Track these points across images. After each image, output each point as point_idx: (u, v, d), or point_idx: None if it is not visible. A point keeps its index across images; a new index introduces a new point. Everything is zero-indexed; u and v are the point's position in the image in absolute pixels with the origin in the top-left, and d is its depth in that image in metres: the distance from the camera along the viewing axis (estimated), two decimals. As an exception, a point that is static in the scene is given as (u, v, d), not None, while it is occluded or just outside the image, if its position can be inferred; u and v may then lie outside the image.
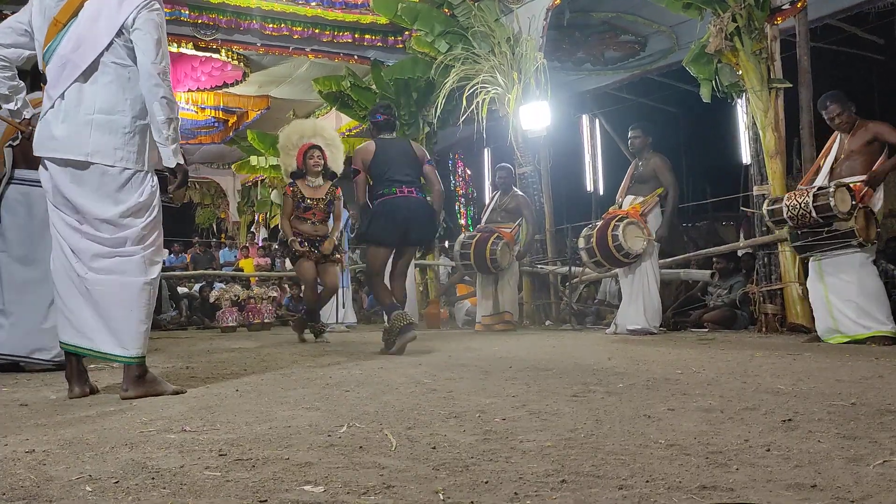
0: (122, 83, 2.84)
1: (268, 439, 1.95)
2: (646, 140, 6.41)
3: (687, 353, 4.34)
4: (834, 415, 2.17)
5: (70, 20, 2.83)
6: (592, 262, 6.36)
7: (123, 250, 2.83)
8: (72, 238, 2.84)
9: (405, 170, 4.95)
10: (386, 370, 3.68)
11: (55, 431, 2.11)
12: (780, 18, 6.14)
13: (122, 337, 2.78)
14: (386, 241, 4.94)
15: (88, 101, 2.80)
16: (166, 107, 2.82)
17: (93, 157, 2.78)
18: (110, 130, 2.80)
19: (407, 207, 4.85)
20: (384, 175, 4.91)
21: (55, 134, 2.79)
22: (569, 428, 2.04)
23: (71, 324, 2.82)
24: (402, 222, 4.85)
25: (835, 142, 5.12)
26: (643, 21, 9.67)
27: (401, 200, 4.84)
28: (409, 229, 4.89)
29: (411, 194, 4.88)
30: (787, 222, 5.06)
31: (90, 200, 2.81)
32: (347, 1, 10.08)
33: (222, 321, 9.24)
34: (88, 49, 2.80)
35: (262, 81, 12.04)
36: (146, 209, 2.89)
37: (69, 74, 2.80)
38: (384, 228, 4.87)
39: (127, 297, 2.80)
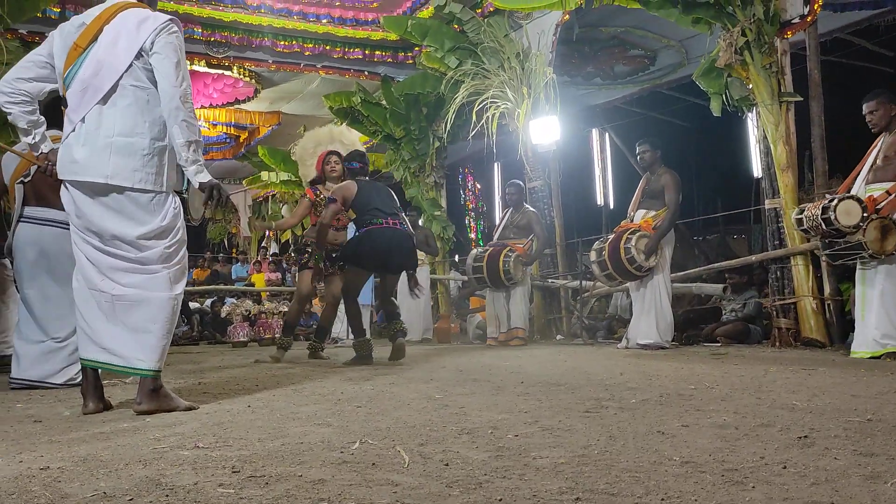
0: (142, 106, 2.86)
1: (280, 456, 1.95)
2: (654, 154, 6.39)
3: (700, 367, 4.31)
4: (850, 431, 2.15)
5: (90, 45, 2.86)
6: (604, 276, 6.35)
7: (148, 268, 2.85)
8: (95, 256, 2.86)
9: (388, 204, 5.39)
10: (397, 385, 3.67)
11: (69, 448, 2.12)
12: (789, 32, 6.14)
13: (141, 349, 2.80)
14: (367, 265, 5.42)
15: (108, 124, 2.82)
16: (186, 129, 2.83)
17: (112, 180, 2.80)
18: (129, 153, 2.82)
19: (391, 238, 5.25)
20: (369, 207, 5.30)
21: (76, 157, 2.82)
22: (582, 444, 2.03)
23: (91, 340, 2.84)
24: (384, 251, 5.24)
25: (875, 146, 4.97)
26: (652, 36, 9.69)
27: (386, 231, 5.24)
28: (390, 258, 5.30)
29: (395, 226, 5.28)
30: (810, 232, 5.02)
31: (112, 222, 2.84)
32: (358, 18, 10.17)
33: (233, 336, 9.27)
34: (108, 73, 2.83)
35: (274, 98, 12.14)
36: (169, 232, 2.91)
37: (90, 98, 2.83)
38: (367, 254, 5.27)
39: (152, 310, 2.82)
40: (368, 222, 5.26)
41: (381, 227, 5.22)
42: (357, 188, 5.38)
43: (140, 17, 2.88)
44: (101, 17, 2.89)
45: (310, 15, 9.98)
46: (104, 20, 2.88)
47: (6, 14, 6.85)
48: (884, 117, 4.91)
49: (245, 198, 19.35)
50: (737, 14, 6.15)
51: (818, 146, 6.22)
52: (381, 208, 5.28)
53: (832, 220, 4.67)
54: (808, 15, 6.04)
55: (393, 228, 5.25)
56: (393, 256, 5.29)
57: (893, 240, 4.65)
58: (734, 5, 6.14)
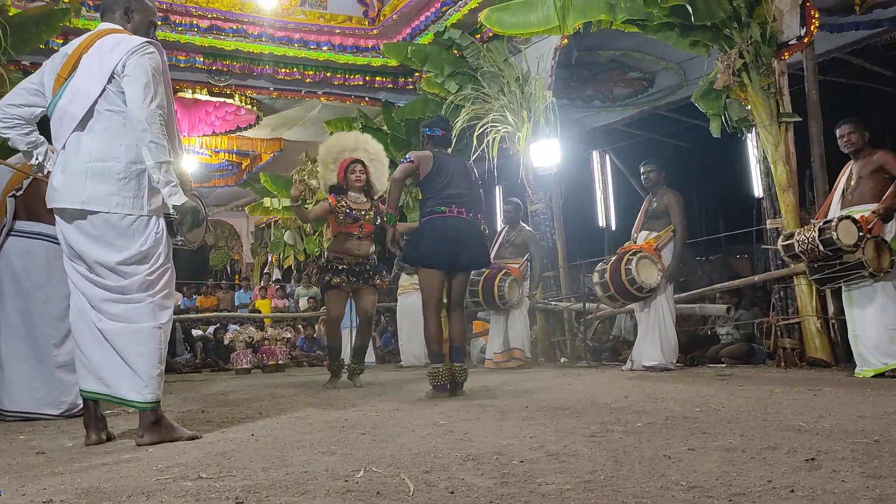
0: (117, 129, 2.86)
1: (284, 486, 1.94)
2: (660, 175, 6.43)
3: (705, 389, 4.29)
4: (857, 453, 2.13)
5: (70, 74, 2.90)
6: (607, 297, 6.34)
7: (130, 297, 2.83)
8: (83, 286, 2.86)
9: (461, 189, 4.60)
10: (401, 411, 3.66)
11: (72, 480, 2.11)
12: (787, 53, 6.18)
13: (136, 382, 2.78)
14: (436, 262, 4.51)
15: (85, 150, 2.83)
16: (155, 150, 2.78)
17: (88, 205, 2.80)
18: (105, 177, 2.82)
19: (457, 228, 4.50)
20: (438, 191, 4.55)
21: (55, 184, 2.84)
22: (588, 470, 2.02)
23: (89, 371, 2.83)
24: (452, 243, 4.46)
25: (846, 171, 5.17)
26: (651, 58, 9.76)
27: (452, 220, 4.50)
28: (458, 251, 4.50)
29: (461, 215, 4.55)
30: (801, 257, 5.06)
31: (93, 249, 2.83)
32: (358, 45, 10.25)
33: (237, 363, 9.24)
34: (82, 99, 2.85)
35: (275, 124, 12.21)
36: (150, 257, 2.88)
37: (67, 126, 2.86)
38: (434, 249, 4.47)
39: (138, 342, 2.80)
40: (431, 211, 4.53)
41: (444, 216, 4.50)
42: (434, 162, 4.57)
43: (115, 41, 2.90)
44: (80, 46, 2.93)
45: (310, 43, 10.06)
46: (83, 48, 2.91)
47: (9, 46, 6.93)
48: (858, 141, 5.10)
49: (248, 224, 19.42)
50: (734, 36, 6.19)
51: (818, 166, 6.24)
52: (453, 192, 4.54)
53: (834, 240, 4.70)
54: (805, 36, 6.08)
55: (459, 217, 4.52)
56: (462, 250, 4.49)
57: (887, 257, 4.78)
58: (731, 28, 6.19)
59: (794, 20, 6.09)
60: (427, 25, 9.56)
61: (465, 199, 4.59)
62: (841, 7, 8.09)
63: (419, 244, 4.54)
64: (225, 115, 11.64)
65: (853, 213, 4.92)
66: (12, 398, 3.91)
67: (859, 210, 4.94)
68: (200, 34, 9.41)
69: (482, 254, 4.71)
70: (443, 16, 9.23)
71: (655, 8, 6.05)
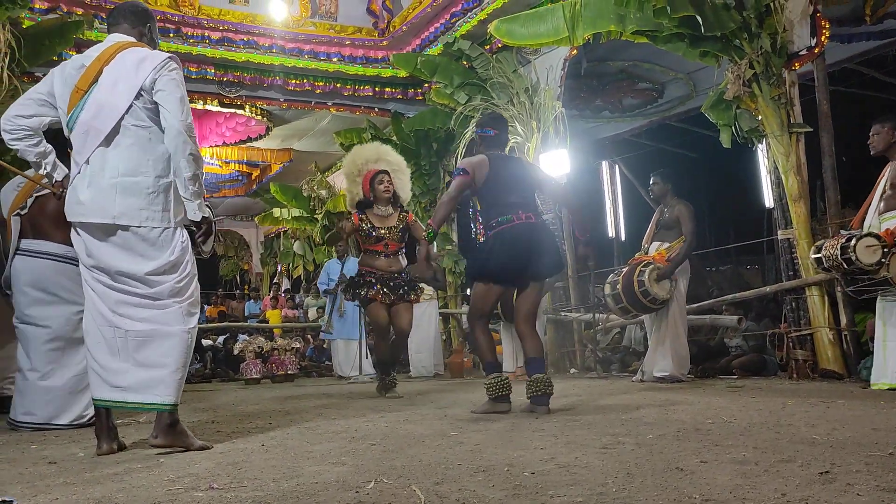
0: (144, 144, 2.90)
1: (296, 497, 1.93)
2: (665, 187, 6.39)
3: (717, 401, 4.26)
4: (872, 466, 2.11)
5: (91, 87, 2.91)
6: (619, 309, 6.31)
7: (159, 303, 2.87)
8: (107, 295, 2.88)
9: (523, 192, 4.21)
10: (411, 422, 3.65)
11: (84, 490, 2.11)
12: (797, 64, 6.16)
13: (156, 384, 2.80)
14: (503, 277, 4.14)
15: (112, 165, 2.86)
16: (192, 163, 2.87)
17: (119, 220, 2.84)
18: (134, 192, 2.86)
19: (528, 237, 4.08)
20: (499, 199, 4.13)
21: (81, 199, 2.86)
22: (599, 482, 2.01)
23: (103, 380, 2.85)
24: (523, 254, 4.06)
25: (884, 174, 4.92)
26: (660, 69, 9.77)
27: (521, 228, 4.07)
28: (530, 261, 4.09)
29: (530, 220, 4.12)
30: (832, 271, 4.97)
31: (122, 261, 2.86)
32: (368, 56, 10.30)
33: (246, 373, 9.25)
34: (109, 114, 2.87)
35: (285, 135, 12.26)
36: (178, 266, 2.93)
37: (92, 140, 2.87)
38: (501, 263, 4.07)
39: (166, 344, 2.84)
40: (497, 221, 4.09)
41: (513, 226, 4.06)
42: (490, 167, 4.14)
43: (138, 56, 2.93)
44: (100, 59, 2.94)
45: (320, 54, 10.12)
46: (103, 61, 2.93)
47: (23, 57, 7.00)
48: (881, 141, 4.92)
49: (257, 234, 19.48)
50: (744, 47, 6.19)
51: (829, 176, 6.21)
52: (512, 200, 4.11)
53: (853, 261, 4.61)
54: (816, 46, 6.07)
55: (527, 223, 4.08)
56: (533, 259, 4.07)
57: None
58: (741, 38, 6.18)
59: (805, 30, 6.08)
60: (437, 37, 9.60)
61: (529, 203, 4.21)
62: (851, 17, 8.08)
63: (488, 260, 4.11)
64: (235, 125, 11.70)
65: (886, 219, 4.76)
66: (25, 409, 3.96)
67: (890, 217, 4.74)
68: (212, 46, 9.48)
69: (555, 260, 4.28)
70: (452, 27, 9.26)
71: (665, 19, 6.05)
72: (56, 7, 8.28)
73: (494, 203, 4.12)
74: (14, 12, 6.55)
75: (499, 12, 8.24)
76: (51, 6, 8.26)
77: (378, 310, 5.63)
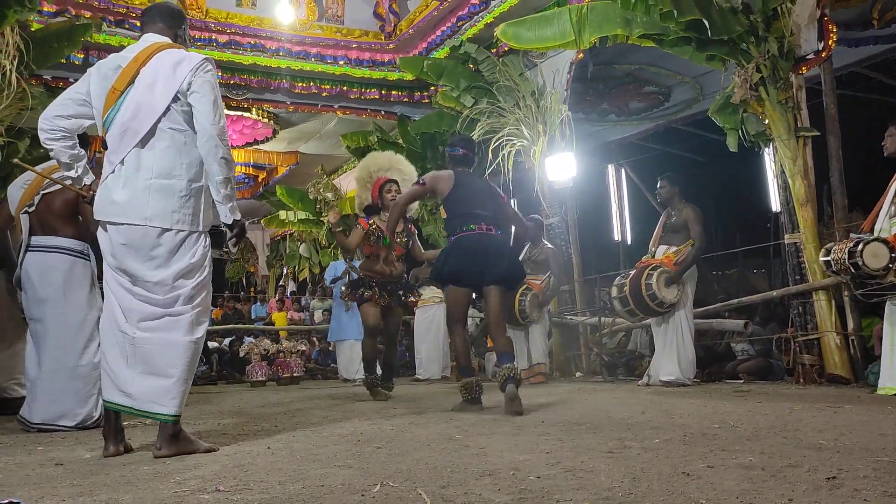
0: (179, 147, 2.92)
1: (301, 499, 1.94)
2: (672, 190, 6.39)
3: (723, 405, 4.25)
4: (879, 471, 2.10)
5: (127, 87, 2.92)
6: (626, 312, 6.30)
7: (173, 310, 2.88)
8: (123, 299, 2.90)
9: (486, 206, 4.57)
10: (417, 426, 3.65)
11: (90, 492, 2.12)
12: (804, 68, 6.15)
13: (160, 394, 2.81)
14: (464, 279, 4.49)
15: (147, 167, 2.87)
16: (225, 166, 2.90)
17: (152, 222, 2.85)
18: (168, 195, 2.87)
19: (486, 245, 4.45)
20: (463, 210, 4.53)
21: (116, 199, 2.87)
22: (605, 487, 2.00)
23: (113, 382, 2.86)
24: (479, 259, 4.42)
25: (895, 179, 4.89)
26: (666, 72, 9.75)
27: (480, 237, 4.46)
28: (486, 266, 4.43)
29: (490, 231, 4.51)
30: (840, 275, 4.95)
31: (144, 263, 2.88)
32: (374, 59, 10.33)
33: (252, 376, 9.26)
34: (146, 115, 2.88)
35: (292, 138, 12.29)
36: (197, 270, 2.95)
37: (128, 141, 2.88)
38: (458, 265, 4.45)
39: (172, 354, 2.84)
40: (459, 228, 4.51)
41: (474, 234, 4.45)
42: (455, 181, 4.56)
43: (176, 59, 2.94)
44: (137, 60, 2.95)
45: (327, 57, 10.15)
46: (140, 62, 2.94)
47: (31, 60, 7.03)
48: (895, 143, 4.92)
49: (263, 237, 19.50)
50: (751, 50, 6.18)
51: (837, 180, 6.19)
52: (475, 212, 4.50)
53: (860, 265, 4.60)
54: (823, 50, 6.06)
55: (488, 234, 4.48)
56: (493, 264, 4.42)
57: None
58: (748, 42, 6.18)
59: (812, 34, 6.07)
60: (443, 40, 9.61)
61: (490, 217, 4.55)
62: (859, 21, 8.07)
63: (447, 262, 4.50)
64: (242, 128, 11.73)
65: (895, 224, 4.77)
66: (33, 410, 3.97)
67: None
68: (219, 49, 9.51)
69: (515, 268, 4.60)
70: (459, 30, 9.28)
71: (672, 22, 6.04)
72: (64, 10, 8.33)
73: (458, 214, 4.54)
74: (23, 15, 6.57)
75: (505, 16, 8.25)
76: (59, 9, 8.30)
77: (370, 309, 5.84)
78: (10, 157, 7.64)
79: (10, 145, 7.56)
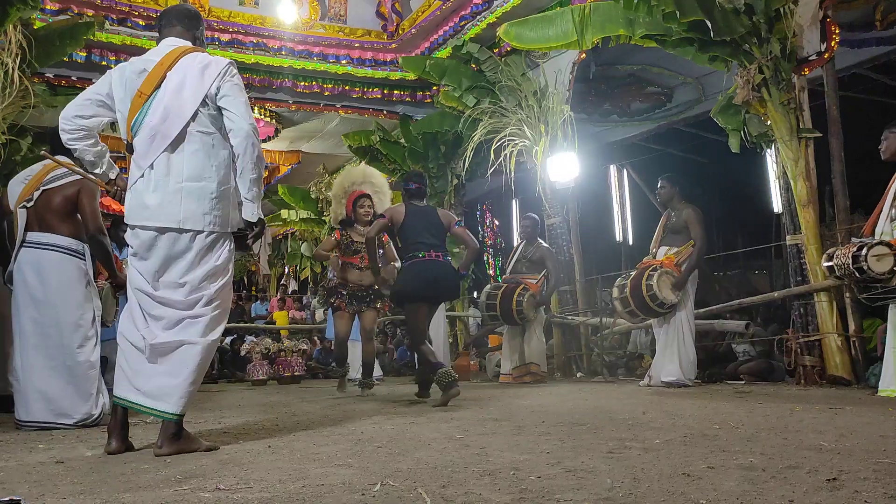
0: (207, 150, 2.94)
1: (301, 498, 1.94)
2: (672, 191, 6.38)
3: (724, 406, 4.25)
4: (880, 473, 2.10)
5: (154, 91, 2.93)
6: (626, 312, 6.30)
7: (192, 312, 2.89)
8: (144, 301, 2.91)
9: (432, 236, 5.30)
10: (417, 425, 3.65)
11: (91, 490, 2.12)
12: (807, 69, 6.14)
13: (169, 393, 2.82)
14: (419, 296, 5.22)
15: (177, 170, 2.89)
16: (258, 164, 2.95)
17: (184, 224, 2.88)
18: (199, 197, 2.89)
19: (434, 269, 5.20)
20: (414, 239, 5.26)
21: (147, 203, 2.88)
22: (606, 487, 2.00)
23: (127, 379, 2.88)
24: (431, 281, 5.18)
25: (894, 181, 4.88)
26: (669, 73, 9.75)
27: (428, 263, 5.20)
28: (434, 288, 5.23)
29: (437, 258, 5.24)
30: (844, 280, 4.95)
31: (172, 266, 2.90)
32: (377, 58, 10.33)
33: (253, 374, 9.27)
34: (175, 119, 2.90)
35: (294, 137, 12.30)
36: (221, 273, 2.97)
37: (158, 145, 2.89)
38: (416, 286, 5.20)
39: (184, 356, 2.86)
40: (411, 255, 5.25)
41: (423, 260, 5.20)
42: (406, 214, 5.33)
43: (202, 63, 2.96)
44: (162, 64, 2.96)
45: (329, 56, 10.16)
46: (167, 66, 2.95)
47: (34, 58, 7.04)
48: (893, 146, 4.92)
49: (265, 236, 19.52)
50: (753, 51, 6.17)
51: (839, 182, 6.19)
52: (425, 241, 5.24)
53: (865, 270, 4.60)
54: (826, 52, 6.05)
55: (434, 260, 5.22)
56: (438, 286, 5.24)
57: None
58: (751, 43, 6.17)
59: (815, 36, 6.06)
60: (445, 40, 9.61)
61: (437, 244, 5.29)
62: (862, 23, 8.06)
63: (405, 284, 5.26)
64: (244, 127, 11.72)
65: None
66: (28, 409, 3.93)
67: None
68: (221, 48, 9.52)
69: (455, 288, 5.51)
70: (461, 30, 9.28)
71: (674, 23, 6.04)
72: (67, 8, 8.34)
73: (410, 242, 5.27)
74: (25, 13, 6.58)
75: (508, 16, 8.25)
76: (62, 7, 8.31)
77: (340, 319, 6.40)
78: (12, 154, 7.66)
79: (13, 143, 7.57)
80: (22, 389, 3.96)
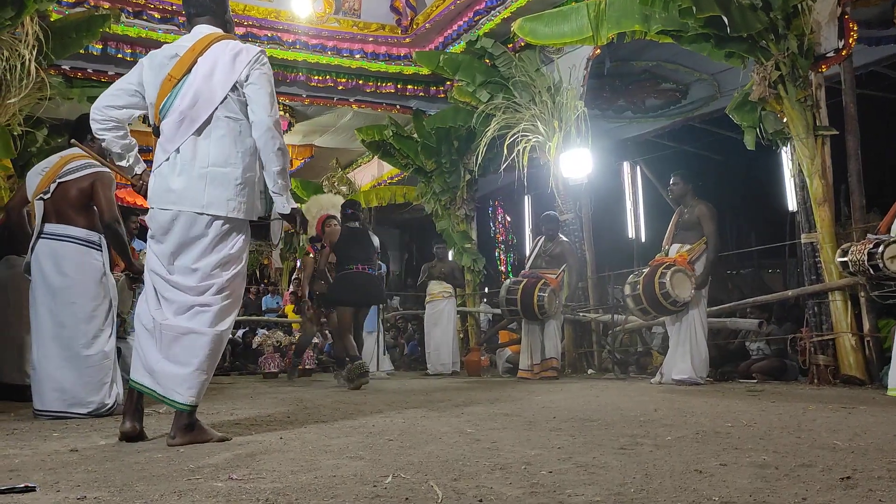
0: (234, 136, 2.95)
1: (313, 489, 1.94)
2: (685, 188, 6.35)
3: (736, 404, 4.23)
4: (894, 472, 2.08)
5: (184, 76, 2.94)
6: (639, 310, 6.28)
7: (202, 300, 2.89)
8: (159, 284, 2.92)
9: (362, 252, 6.67)
10: (429, 419, 3.66)
11: (105, 478, 2.14)
12: (824, 66, 6.09)
13: (179, 382, 2.83)
14: (348, 302, 6.64)
15: (202, 155, 2.90)
16: (281, 157, 2.96)
17: (208, 209, 2.88)
18: (223, 183, 2.90)
19: (361, 279, 6.61)
20: (347, 254, 6.65)
21: (172, 187, 2.89)
22: (618, 482, 2.00)
23: (142, 363, 2.89)
24: (359, 289, 6.61)
25: None
26: (684, 69, 9.69)
27: (357, 274, 6.60)
28: (362, 294, 6.68)
29: (364, 270, 6.65)
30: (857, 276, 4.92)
31: (188, 250, 2.91)
32: (391, 53, 10.32)
33: (265, 367, 9.31)
34: (204, 104, 2.91)
35: (307, 131, 12.31)
36: (234, 261, 2.97)
37: (185, 129, 2.90)
38: (346, 293, 6.63)
39: (195, 344, 2.86)
40: (344, 268, 6.63)
41: (353, 272, 6.58)
42: (341, 234, 6.73)
43: (234, 49, 2.97)
44: (194, 49, 2.97)
45: (343, 50, 10.15)
46: (198, 52, 2.96)
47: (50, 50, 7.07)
48: None
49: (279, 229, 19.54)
50: (770, 48, 6.12)
51: (855, 180, 6.14)
52: (355, 256, 6.58)
53: (881, 267, 4.57)
54: (843, 49, 5.99)
55: (362, 272, 6.60)
56: (366, 294, 6.71)
57: None
58: (768, 40, 6.12)
59: (832, 33, 6.01)
60: (460, 34, 9.59)
61: (365, 258, 6.67)
62: (880, 20, 7.98)
63: (338, 290, 6.77)
64: (258, 121, 11.75)
65: None
66: (43, 398, 3.98)
67: None
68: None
69: (381, 294, 7.17)
70: (475, 25, 9.25)
71: (691, 19, 6.00)
72: (83, 1, 8.37)
73: (343, 256, 6.70)
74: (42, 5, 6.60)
75: (522, 11, 8.21)
76: (78, 0, 8.34)
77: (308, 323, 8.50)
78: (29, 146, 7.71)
79: (29, 134, 7.62)
80: (38, 379, 4.01)
